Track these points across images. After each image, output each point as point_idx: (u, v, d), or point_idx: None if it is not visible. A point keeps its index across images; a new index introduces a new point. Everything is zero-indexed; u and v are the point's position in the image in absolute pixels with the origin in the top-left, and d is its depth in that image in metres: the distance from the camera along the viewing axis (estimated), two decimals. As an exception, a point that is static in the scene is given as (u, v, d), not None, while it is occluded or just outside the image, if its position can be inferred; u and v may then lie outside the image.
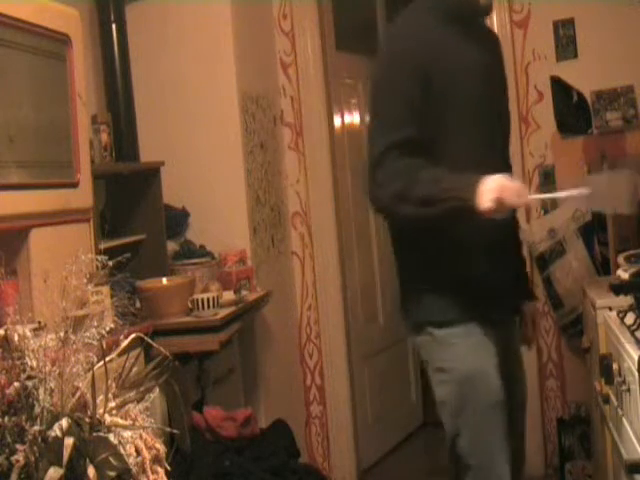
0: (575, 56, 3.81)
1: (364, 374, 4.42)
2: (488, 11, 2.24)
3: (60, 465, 1.21)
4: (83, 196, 2.60)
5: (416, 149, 2.05)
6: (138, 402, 1.36)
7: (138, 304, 3.09)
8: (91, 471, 1.23)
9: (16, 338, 1.30)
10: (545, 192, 3.51)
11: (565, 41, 3.82)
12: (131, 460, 1.29)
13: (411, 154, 2.04)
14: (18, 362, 1.28)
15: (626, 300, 2.14)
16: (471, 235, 2.13)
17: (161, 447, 1.36)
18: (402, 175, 2.02)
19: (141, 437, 1.33)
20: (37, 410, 1.26)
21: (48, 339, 1.31)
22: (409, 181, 2.01)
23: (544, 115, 3.84)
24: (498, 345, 2.16)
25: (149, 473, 1.31)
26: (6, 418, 1.25)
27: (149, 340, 1.44)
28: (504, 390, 2.14)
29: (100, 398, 1.30)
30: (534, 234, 3.72)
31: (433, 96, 2.07)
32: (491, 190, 1.93)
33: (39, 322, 1.41)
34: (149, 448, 1.33)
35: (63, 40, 2.50)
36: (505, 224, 2.16)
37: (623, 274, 2.43)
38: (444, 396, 2.20)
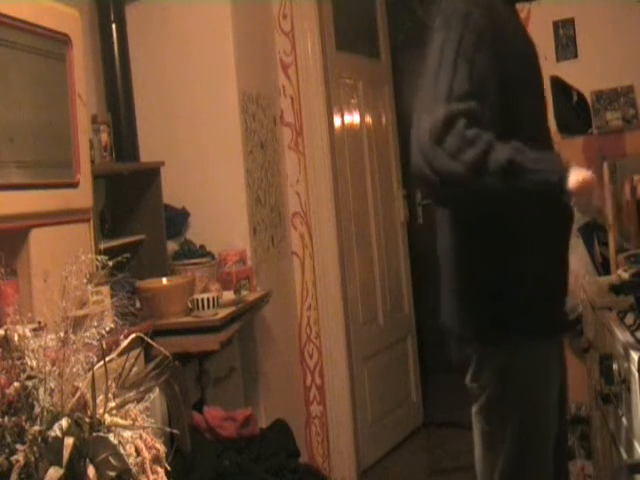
0: (575, 56, 3.81)
1: (364, 374, 4.42)
2: None
3: (60, 465, 1.21)
4: (83, 196, 2.60)
5: (479, 123, 1.80)
6: (138, 402, 1.36)
7: (138, 304, 3.09)
8: (91, 471, 1.23)
9: (16, 338, 1.30)
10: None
11: (565, 41, 3.82)
12: (131, 460, 1.29)
13: (476, 126, 1.78)
14: (18, 362, 1.28)
15: (626, 300, 2.14)
16: (551, 238, 1.99)
17: (161, 447, 1.36)
18: (477, 142, 1.76)
19: (141, 437, 1.33)
20: (37, 410, 1.26)
21: (48, 339, 1.31)
22: (487, 148, 1.75)
23: (544, 115, 3.84)
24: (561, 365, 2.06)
25: (149, 473, 1.31)
26: (6, 418, 1.25)
27: (149, 340, 1.44)
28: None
29: (100, 398, 1.30)
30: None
31: (505, 71, 1.89)
32: (584, 172, 1.77)
33: (39, 322, 1.41)
34: (149, 448, 1.33)
35: (63, 40, 2.50)
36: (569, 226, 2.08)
37: (623, 274, 2.43)
38: (508, 425, 1.96)
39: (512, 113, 1.91)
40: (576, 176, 1.76)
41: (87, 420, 1.27)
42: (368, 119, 4.71)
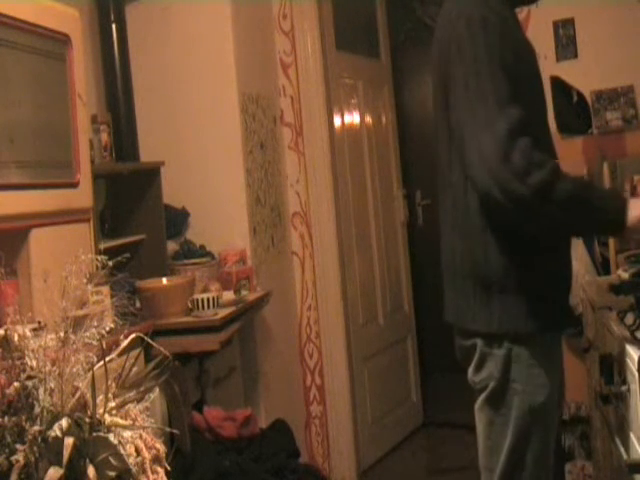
0: (575, 56, 3.81)
1: (364, 374, 4.42)
2: None
3: (60, 465, 1.21)
4: (83, 196, 2.60)
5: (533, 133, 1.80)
6: (138, 402, 1.36)
7: (138, 304, 3.09)
8: (91, 471, 1.23)
9: (16, 338, 1.30)
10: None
11: (565, 41, 3.82)
12: (131, 460, 1.29)
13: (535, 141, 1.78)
14: (18, 362, 1.28)
15: (626, 300, 2.14)
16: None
17: (161, 447, 1.36)
18: (543, 167, 1.76)
19: (141, 437, 1.32)
20: (37, 410, 1.26)
21: (48, 339, 1.31)
22: (554, 175, 1.76)
23: (544, 115, 3.84)
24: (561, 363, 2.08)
25: (149, 473, 1.31)
26: (6, 418, 1.25)
27: (149, 340, 1.44)
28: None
29: (100, 398, 1.30)
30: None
31: (517, 72, 1.90)
32: None
33: (39, 322, 1.41)
34: (149, 448, 1.33)
35: (63, 40, 2.50)
36: None
37: (623, 274, 2.42)
38: (511, 419, 1.97)
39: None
40: (635, 212, 1.80)
41: (87, 420, 1.27)
42: (368, 119, 4.71)
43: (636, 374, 1.77)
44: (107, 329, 1.34)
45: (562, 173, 1.79)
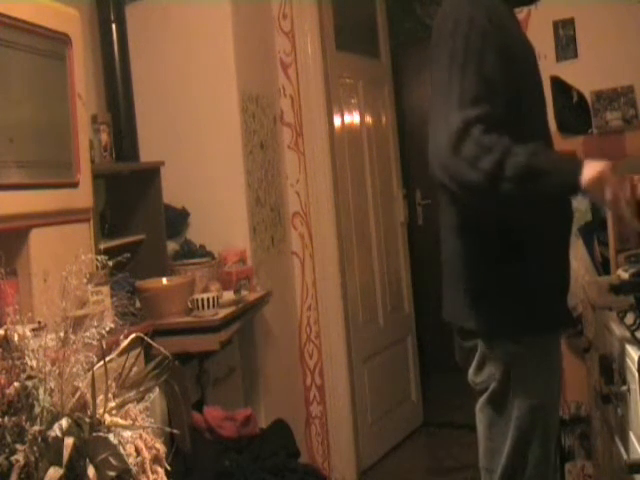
0: (575, 56, 3.81)
1: (364, 374, 4.42)
2: None
3: (60, 465, 1.21)
4: (83, 196, 2.60)
5: (495, 126, 1.80)
6: (138, 402, 1.36)
7: (138, 304, 3.09)
8: (91, 471, 1.23)
9: (16, 338, 1.30)
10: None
11: (565, 41, 3.81)
12: (131, 460, 1.29)
13: (493, 130, 1.80)
14: (18, 362, 1.28)
15: (626, 300, 2.14)
16: (553, 233, 2.01)
17: (161, 447, 1.36)
18: (494, 149, 1.76)
19: (141, 437, 1.33)
20: (37, 410, 1.26)
21: (48, 339, 1.31)
22: (504, 154, 1.76)
23: (544, 115, 3.83)
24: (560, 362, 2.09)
25: (149, 473, 1.31)
26: (6, 418, 1.25)
27: (149, 340, 1.44)
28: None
29: (100, 398, 1.30)
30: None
31: (509, 72, 1.90)
32: (596, 166, 1.78)
33: (39, 322, 1.42)
34: (149, 448, 1.33)
35: (63, 40, 2.50)
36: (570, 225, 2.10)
37: (623, 274, 2.43)
38: (512, 419, 1.97)
39: (517, 115, 1.92)
40: (588, 172, 1.78)
41: (87, 420, 1.27)
42: (368, 119, 4.71)
43: (636, 374, 1.78)
44: (107, 329, 1.34)
45: (513, 148, 1.78)
